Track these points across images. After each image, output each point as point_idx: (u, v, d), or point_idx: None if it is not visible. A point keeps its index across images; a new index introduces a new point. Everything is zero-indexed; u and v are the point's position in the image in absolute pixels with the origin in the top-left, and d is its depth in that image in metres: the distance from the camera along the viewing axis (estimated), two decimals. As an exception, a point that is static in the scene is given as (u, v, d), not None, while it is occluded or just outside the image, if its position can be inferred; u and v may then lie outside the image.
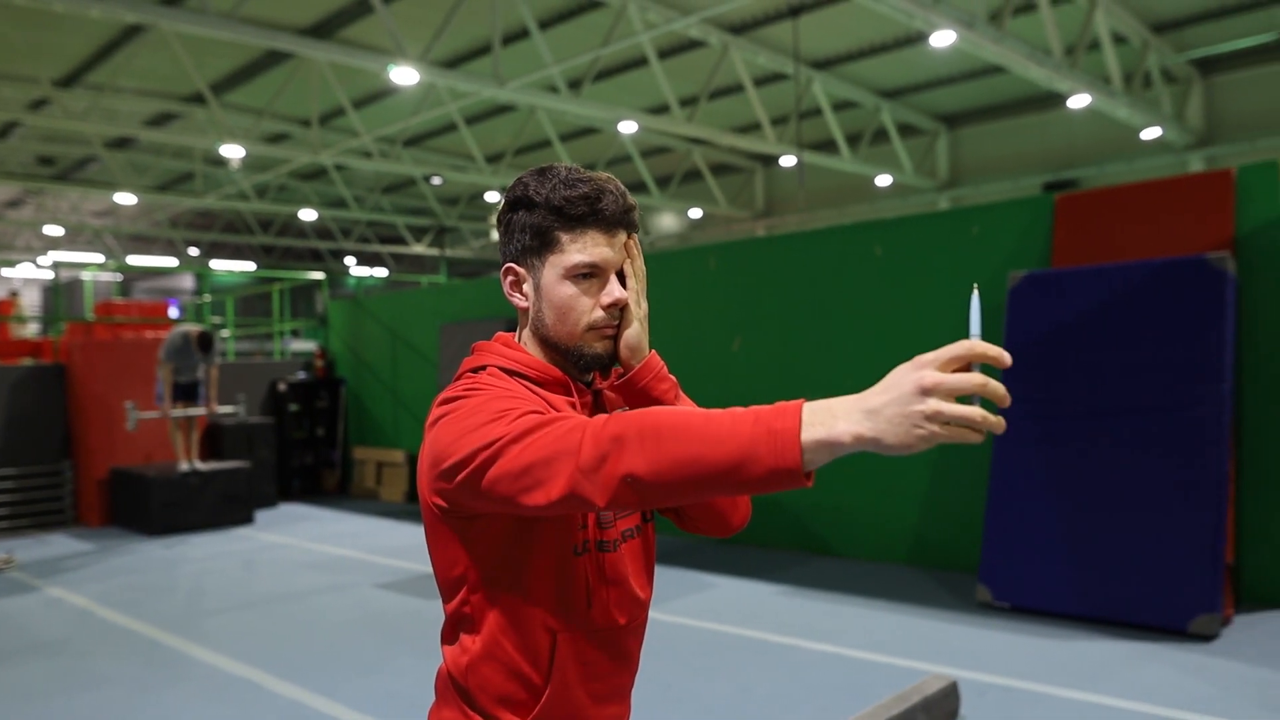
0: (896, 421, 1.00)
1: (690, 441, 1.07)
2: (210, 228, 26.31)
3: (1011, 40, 11.00)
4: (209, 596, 6.54)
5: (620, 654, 1.46)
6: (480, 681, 1.39)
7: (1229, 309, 4.97)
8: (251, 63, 14.23)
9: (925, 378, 1.00)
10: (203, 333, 8.73)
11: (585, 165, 6.80)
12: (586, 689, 1.42)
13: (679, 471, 1.07)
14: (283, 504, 10.79)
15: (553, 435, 1.16)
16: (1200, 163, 16.07)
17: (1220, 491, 4.82)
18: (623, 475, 1.09)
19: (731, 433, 1.05)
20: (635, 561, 1.48)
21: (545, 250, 1.39)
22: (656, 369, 1.45)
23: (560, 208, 1.37)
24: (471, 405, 1.28)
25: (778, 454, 1.02)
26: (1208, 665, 4.36)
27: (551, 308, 1.40)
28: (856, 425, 1.01)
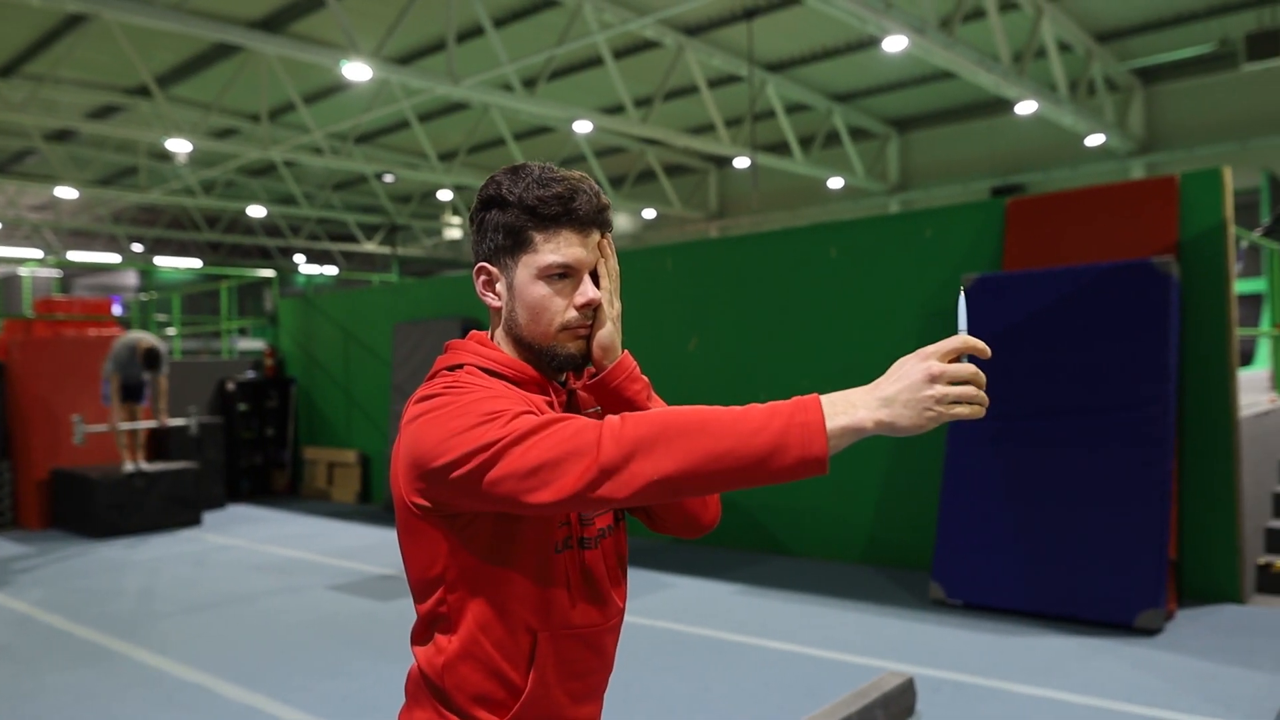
0: (911, 406, 1.12)
1: (719, 437, 1.13)
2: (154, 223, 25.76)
3: (961, 46, 11.18)
4: (156, 600, 6.40)
5: (598, 652, 1.47)
6: (457, 681, 1.38)
7: (1173, 312, 5.11)
8: (199, 55, 13.96)
9: (932, 367, 1.13)
10: (149, 349, 8.51)
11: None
12: (565, 688, 1.42)
13: (710, 465, 1.13)
14: (231, 505, 10.59)
15: (560, 436, 1.18)
16: (1141, 169, 16.48)
17: (1165, 489, 4.95)
18: (653, 472, 1.14)
19: (760, 427, 1.13)
20: (610, 560, 1.48)
21: (518, 250, 1.38)
22: (629, 369, 1.45)
23: (534, 207, 1.36)
24: (459, 405, 1.27)
25: (805, 444, 1.11)
26: (1154, 659, 4.48)
27: (525, 308, 1.39)
28: (876, 412, 1.13)
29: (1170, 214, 5.41)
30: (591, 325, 1.42)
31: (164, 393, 9.05)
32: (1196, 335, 5.36)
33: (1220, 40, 14.32)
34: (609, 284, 1.43)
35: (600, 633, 1.45)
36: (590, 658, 1.45)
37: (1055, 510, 5.21)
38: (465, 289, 9.76)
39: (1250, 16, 13.43)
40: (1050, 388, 5.38)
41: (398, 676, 4.59)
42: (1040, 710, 3.92)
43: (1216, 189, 5.35)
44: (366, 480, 10.69)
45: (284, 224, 26.01)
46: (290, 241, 26.57)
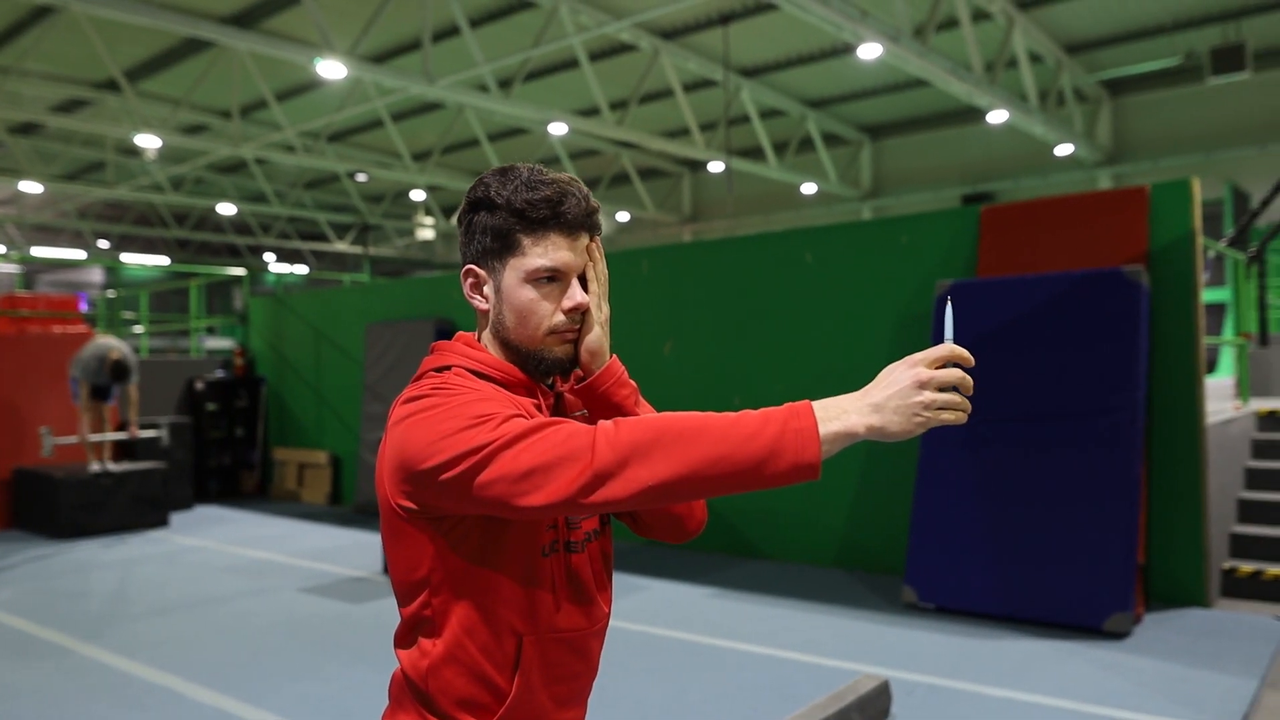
0: (900, 412, 1.16)
1: (714, 443, 1.15)
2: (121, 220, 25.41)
3: (934, 55, 11.30)
4: (123, 602, 6.31)
5: (584, 656, 1.46)
6: (441, 685, 1.37)
7: (1143, 320, 5.19)
8: (169, 50, 13.81)
9: (921, 374, 1.17)
10: (117, 362, 8.39)
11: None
12: (550, 692, 1.41)
13: (704, 471, 1.15)
14: (199, 506, 10.46)
15: (553, 440, 1.19)
16: (1108, 179, 16.74)
17: (1133, 495, 5.02)
18: (648, 478, 1.15)
19: (754, 433, 1.15)
20: (596, 563, 1.48)
21: (506, 253, 1.38)
22: (617, 374, 1.45)
23: (522, 210, 1.36)
24: (448, 408, 1.27)
25: (799, 450, 1.14)
26: (1122, 662, 4.54)
27: (512, 311, 1.38)
28: (867, 418, 1.16)
29: (1141, 224, 5.50)
30: (579, 329, 1.42)
31: (134, 403, 8.92)
32: (1165, 343, 5.45)
33: (1186, 54, 14.58)
34: (597, 288, 1.43)
35: (586, 636, 1.45)
36: (575, 662, 1.45)
37: (1026, 515, 5.27)
38: (439, 290, 9.72)
39: (1215, 31, 13.68)
40: (1022, 393, 5.44)
41: (371, 680, 4.56)
42: (1013, 713, 3.97)
43: (1186, 200, 5.44)
44: (337, 481, 10.60)
45: (254, 222, 25.76)
46: (260, 240, 26.31)
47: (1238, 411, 6.48)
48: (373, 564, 7.22)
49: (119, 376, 8.41)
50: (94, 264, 17.77)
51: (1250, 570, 5.66)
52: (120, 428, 9.66)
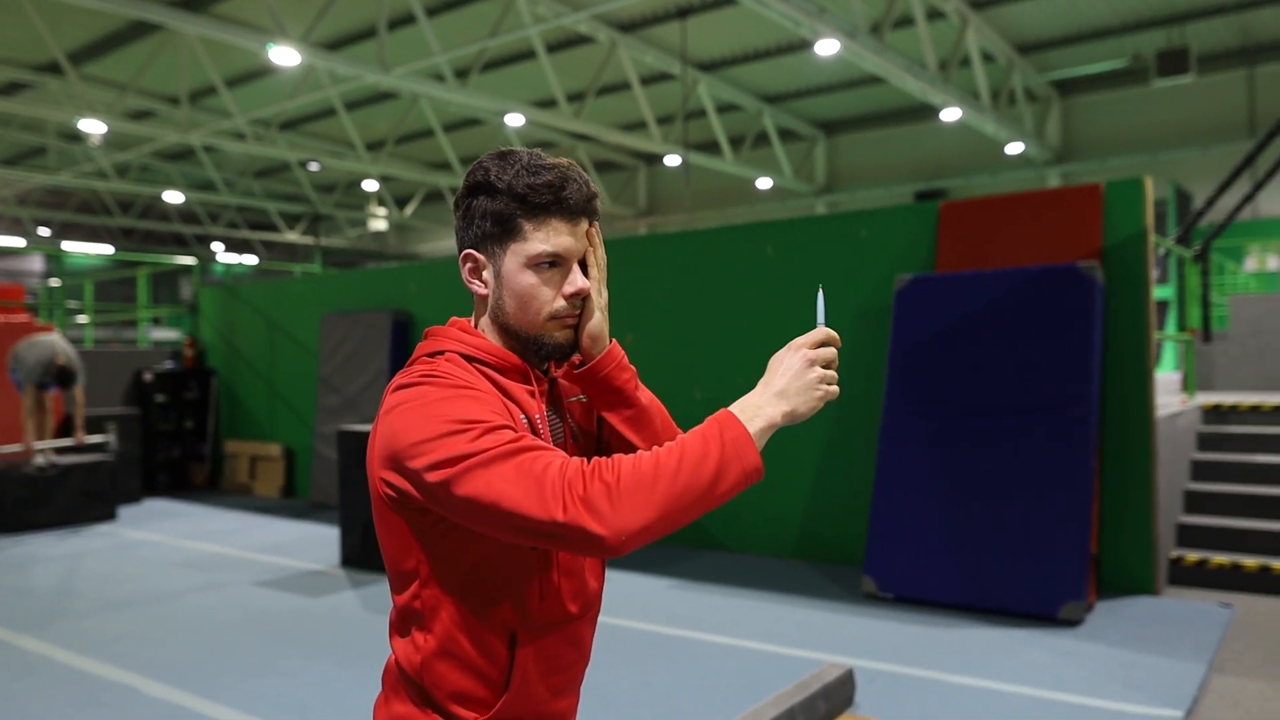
0: (803, 393, 1.27)
1: (674, 479, 1.18)
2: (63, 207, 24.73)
3: (890, 53, 11.43)
4: (72, 597, 6.16)
5: (577, 645, 1.46)
6: (435, 679, 1.36)
7: (1098, 315, 5.30)
8: (115, 32, 13.46)
9: (808, 354, 1.28)
10: (62, 368, 8.20)
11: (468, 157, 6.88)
12: (547, 684, 1.41)
13: (675, 505, 1.18)
14: (147, 500, 10.24)
15: (530, 472, 1.18)
16: (1057, 178, 17.07)
17: (1088, 487, 5.14)
18: (632, 526, 1.16)
19: (701, 458, 1.19)
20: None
21: (507, 238, 1.37)
22: (618, 358, 1.45)
23: (524, 195, 1.35)
24: (436, 404, 1.25)
25: (743, 458, 1.21)
26: (1077, 649, 4.65)
27: (513, 296, 1.37)
28: (779, 406, 1.25)
29: (1095, 220, 5.62)
30: (580, 314, 1.41)
31: (80, 405, 8.70)
32: (1118, 338, 5.57)
33: (1133, 56, 14.91)
34: (597, 274, 1.43)
35: (578, 625, 1.45)
36: (570, 651, 1.45)
37: (984, 506, 5.37)
38: (396, 281, 9.61)
39: (1160, 35, 14.01)
40: (980, 386, 5.54)
41: (333, 674, 4.51)
42: (973, 699, 4.04)
43: (1138, 198, 5.57)
44: (291, 474, 10.44)
45: (202, 211, 25.24)
46: (208, 229, 25.78)
47: (1184, 405, 6.65)
48: (330, 558, 7.14)
49: (63, 382, 8.27)
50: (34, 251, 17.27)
51: (1196, 559, 5.83)
52: (64, 420, 9.42)
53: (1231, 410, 6.97)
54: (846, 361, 6.58)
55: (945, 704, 4.00)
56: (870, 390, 6.40)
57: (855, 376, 6.54)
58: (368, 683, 4.39)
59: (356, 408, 9.27)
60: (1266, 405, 6.88)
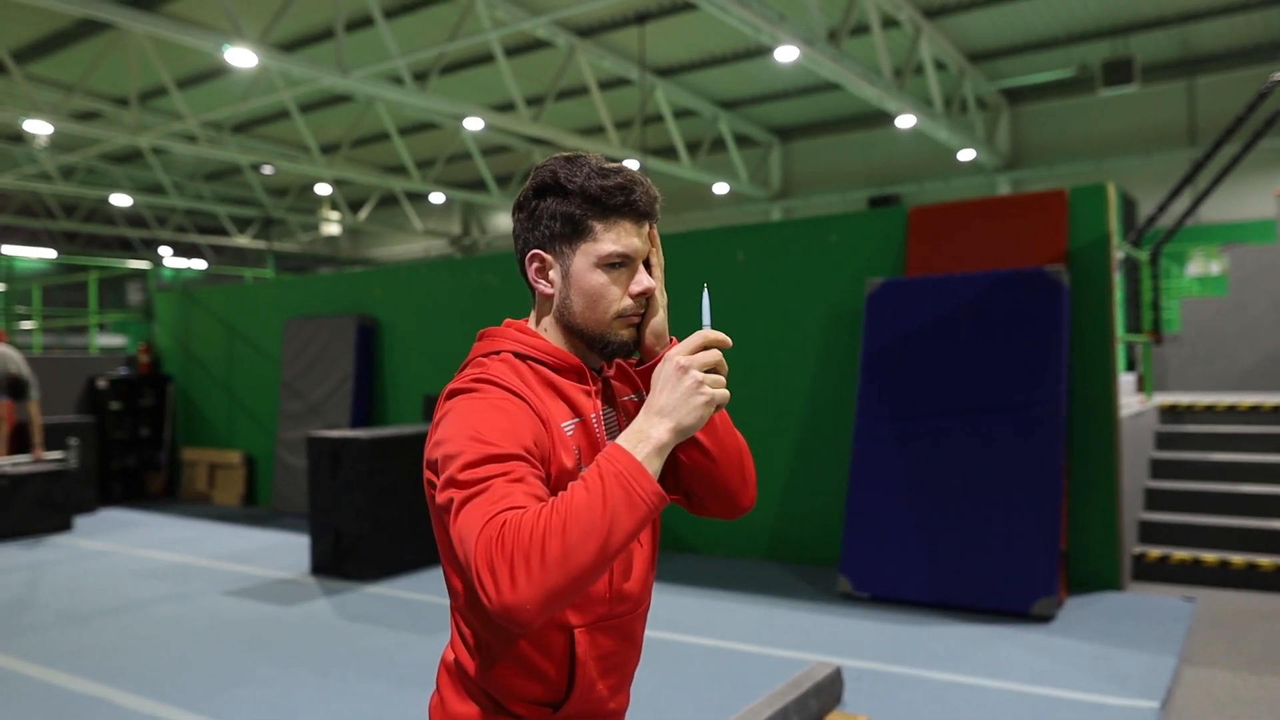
0: (683, 404, 1.21)
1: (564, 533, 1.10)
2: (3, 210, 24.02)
3: (847, 60, 11.57)
4: (32, 610, 5.99)
5: (630, 640, 1.48)
6: (495, 680, 1.38)
7: (1065, 317, 5.44)
8: (62, 31, 13.11)
9: (680, 361, 1.24)
10: (15, 379, 8.05)
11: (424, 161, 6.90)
12: (606, 683, 1.43)
13: (574, 560, 1.10)
14: (103, 509, 10.00)
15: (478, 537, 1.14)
16: (1007, 184, 17.42)
17: (1057, 485, 5.26)
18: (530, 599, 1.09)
19: (599, 497, 1.13)
20: (646, 545, 1.50)
21: (577, 238, 1.40)
22: None
23: (597, 197, 1.38)
24: (473, 424, 1.26)
25: (642, 488, 1.16)
26: (1049, 644, 4.76)
27: (581, 295, 1.40)
28: (664, 424, 1.21)
29: (1060, 225, 5.76)
30: (644, 313, 1.44)
31: (38, 425, 8.50)
32: (1083, 340, 5.72)
33: (1080, 66, 15.29)
34: (659, 273, 1.46)
35: (631, 620, 1.47)
36: (625, 647, 1.46)
37: (957, 505, 5.47)
38: (360, 285, 9.51)
39: (1106, 45, 14.38)
40: (951, 387, 5.64)
41: (311, 682, 4.45)
42: (955, 694, 4.12)
43: (1102, 204, 5.73)
44: (252, 482, 10.26)
45: (149, 214, 24.68)
46: (155, 233, 25.19)
47: (1143, 405, 6.84)
48: (299, 565, 7.03)
49: (16, 394, 8.10)
50: (-27, 256, 16.76)
51: (1158, 555, 6.00)
52: (16, 428, 9.16)
53: (1188, 410, 7.18)
54: (819, 364, 6.66)
55: (928, 700, 4.07)
56: (843, 392, 6.48)
57: (828, 379, 6.62)
58: (348, 690, 4.35)
59: (321, 413, 9.15)
60: (1221, 405, 7.10)
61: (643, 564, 1.48)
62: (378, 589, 6.29)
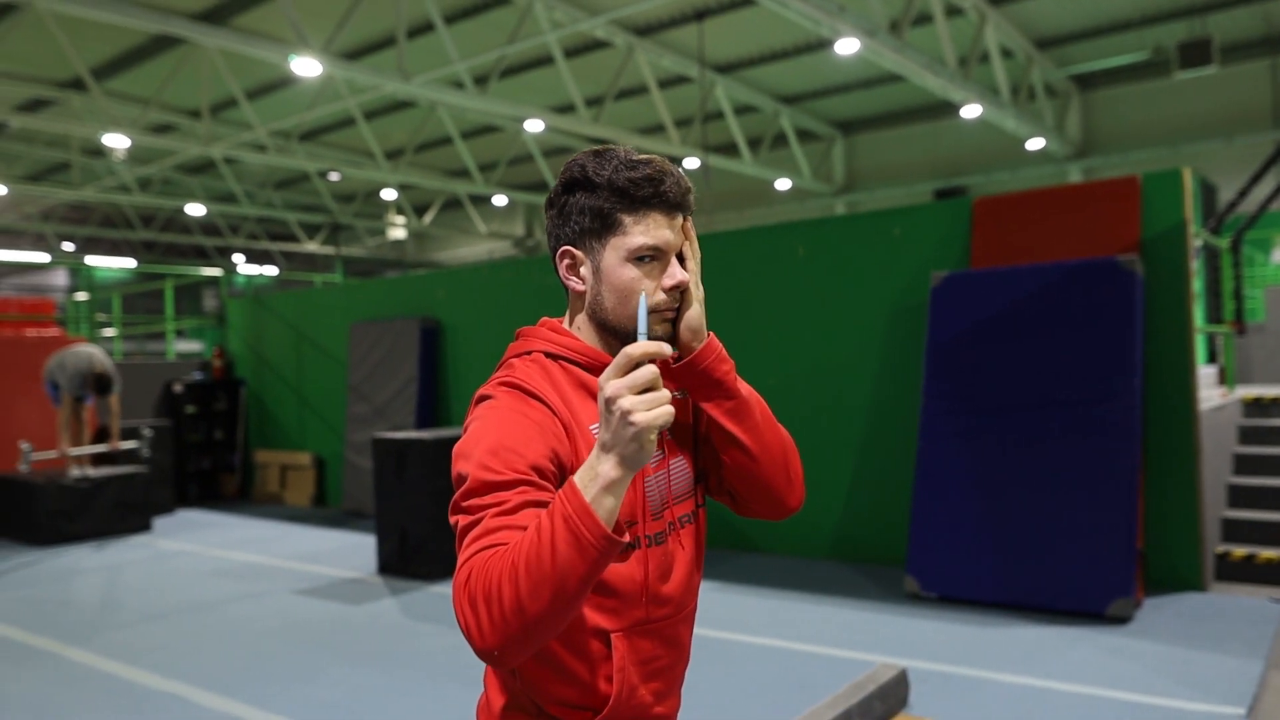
0: (618, 438, 1.09)
1: (517, 579, 1.08)
2: (86, 222, 24.93)
3: (909, 50, 11.37)
4: (114, 608, 6.19)
5: (675, 645, 1.45)
6: (538, 688, 1.37)
7: (1138, 308, 5.25)
8: (137, 48, 13.55)
9: (605, 391, 1.10)
10: (100, 375, 8.31)
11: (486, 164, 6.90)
12: (649, 688, 1.40)
13: (531, 605, 1.08)
14: (180, 510, 10.30)
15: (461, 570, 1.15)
16: (1079, 173, 16.94)
17: (1132, 481, 5.08)
18: (495, 641, 1.09)
19: (538, 547, 1.08)
20: (688, 548, 1.47)
21: (606, 232, 1.36)
22: (717, 350, 1.43)
23: (624, 189, 1.35)
24: (487, 430, 1.26)
25: (590, 532, 1.08)
26: (1127, 646, 4.59)
27: (613, 291, 1.37)
28: (609, 459, 1.10)
29: (1133, 213, 5.56)
30: (678, 307, 1.40)
31: (116, 414, 8.79)
32: (1159, 331, 5.51)
33: (1154, 48, 14.79)
34: (694, 266, 1.42)
35: (674, 624, 1.43)
36: (669, 652, 1.43)
37: (1027, 503, 5.32)
38: (424, 288, 9.63)
39: (1182, 26, 13.89)
40: (1020, 382, 5.49)
41: (379, 682, 4.51)
42: (1026, 698, 4.00)
43: (1177, 190, 5.52)
44: (321, 483, 10.47)
45: (223, 223, 25.39)
46: (229, 241, 25.92)
47: (1224, 399, 6.58)
48: (366, 565, 7.14)
49: (102, 390, 8.35)
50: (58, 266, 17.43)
51: (1243, 554, 5.76)
52: (99, 431, 9.49)
53: (1273, 403, 6.89)
54: (883, 360, 6.54)
55: (998, 703, 3.96)
56: (908, 388, 6.35)
57: (892, 375, 6.50)
58: (414, 689, 4.39)
59: (387, 415, 9.29)
60: (1307, 397, 6.80)
61: (684, 566, 1.45)
62: (443, 588, 6.35)
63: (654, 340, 1.12)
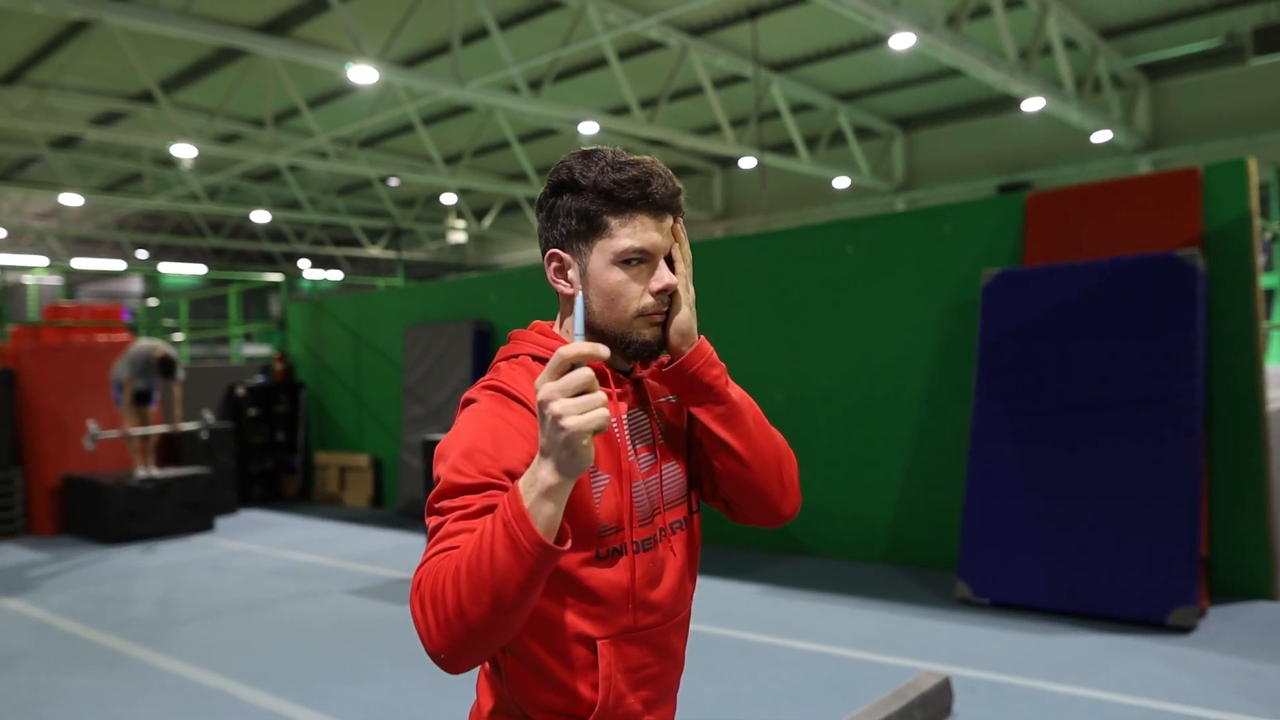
0: (552, 443, 1.06)
1: (457, 583, 1.09)
2: (158, 230, 25.72)
3: (968, 43, 11.15)
4: (174, 606, 6.35)
5: (665, 653, 1.43)
6: (524, 695, 1.36)
7: (1199, 305, 5.05)
8: (202, 60, 13.92)
9: (538, 396, 1.07)
10: (164, 357, 8.54)
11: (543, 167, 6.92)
12: (638, 696, 1.37)
13: (473, 612, 1.08)
14: (243, 510, 10.55)
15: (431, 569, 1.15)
16: (1148, 165, 16.44)
17: (1194, 485, 4.89)
18: (443, 645, 1.11)
19: (479, 553, 1.08)
20: (680, 555, 1.44)
21: (593, 235, 1.35)
22: (707, 354, 1.41)
23: (610, 191, 1.33)
24: (461, 434, 1.27)
25: (526, 538, 1.06)
26: (1188, 657, 4.42)
27: (600, 294, 1.35)
28: (547, 465, 1.08)
29: (1193, 206, 5.36)
30: (667, 311, 1.38)
31: (178, 400, 9.04)
32: (1223, 329, 5.30)
33: (1227, 34, 14.25)
34: (684, 269, 1.40)
35: (664, 632, 1.41)
36: (659, 660, 1.41)
37: (1083, 507, 5.15)
38: (477, 291, 9.72)
39: (1257, 11, 13.37)
40: (1075, 382, 5.33)
41: (421, 682, 4.54)
42: (1079, 709, 3.87)
43: (1241, 181, 5.30)
44: (379, 484, 10.63)
45: (288, 229, 25.98)
46: (294, 246, 26.52)
47: (1297, 398, 6.30)
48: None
49: (166, 371, 8.55)
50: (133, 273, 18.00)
51: (1316, 560, 5.50)
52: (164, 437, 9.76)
53: (1349, 402, 6.57)
54: (934, 360, 6.41)
55: (1048, 714, 3.84)
56: (959, 388, 6.21)
57: (943, 375, 6.37)
58: (455, 692, 4.41)
59: (441, 417, 9.40)
60: (1388, 396, 6.48)
61: (675, 574, 1.42)
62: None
63: (577, 348, 1.08)
